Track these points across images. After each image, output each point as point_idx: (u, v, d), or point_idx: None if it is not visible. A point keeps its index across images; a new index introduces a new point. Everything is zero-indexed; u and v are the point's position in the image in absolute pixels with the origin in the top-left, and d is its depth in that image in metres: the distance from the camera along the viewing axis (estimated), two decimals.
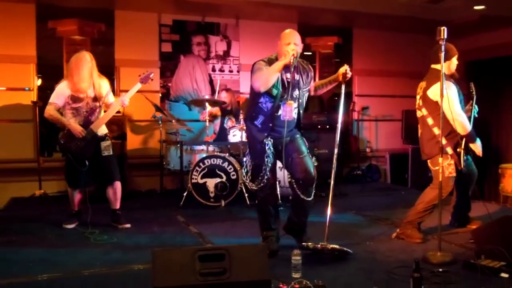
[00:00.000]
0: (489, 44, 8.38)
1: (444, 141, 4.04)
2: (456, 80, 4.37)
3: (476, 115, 4.56)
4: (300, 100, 3.97)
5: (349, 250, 3.79)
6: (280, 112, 3.85)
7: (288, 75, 3.84)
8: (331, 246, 3.73)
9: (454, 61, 4.35)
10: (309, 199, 3.87)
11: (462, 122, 4.12)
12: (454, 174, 4.21)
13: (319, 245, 3.72)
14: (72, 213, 4.98)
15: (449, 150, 4.18)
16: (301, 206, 3.95)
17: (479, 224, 4.56)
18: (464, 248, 4.05)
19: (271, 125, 3.88)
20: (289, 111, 3.83)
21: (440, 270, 3.42)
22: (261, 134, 3.91)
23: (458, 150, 4.20)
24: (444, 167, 4.05)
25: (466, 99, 4.51)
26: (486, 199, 4.77)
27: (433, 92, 4.19)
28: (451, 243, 4.18)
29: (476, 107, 4.55)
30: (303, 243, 3.80)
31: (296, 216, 4.02)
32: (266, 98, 3.85)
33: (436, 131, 4.19)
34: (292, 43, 3.80)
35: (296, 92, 3.91)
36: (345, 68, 3.86)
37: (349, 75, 3.86)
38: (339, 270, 3.55)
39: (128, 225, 4.94)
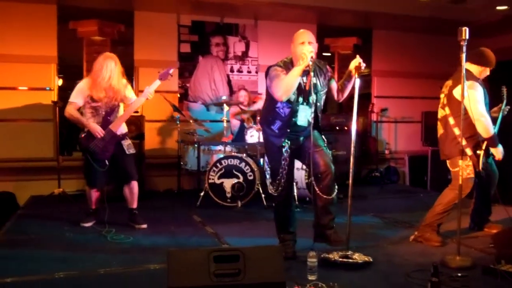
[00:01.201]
0: None
1: (463, 142, 3.98)
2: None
3: (505, 113, 4.54)
4: (318, 104, 3.82)
5: (369, 260, 3.67)
6: (297, 117, 3.77)
7: (305, 79, 3.72)
8: (352, 259, 3.60)
9: (487, 71, 4.30)
10: (331, 197, 3.70)
11: (485, 124, 4.04)
12: (472, 175, 4.14)
13: (339, 260, 3.59)
14: (90, 212, 5.02)
15: (468, 151, 4.12)
16: (323, 207, 3.75)
17: (500, 228, 4.48)
18: (483, 253, 3.98)
19: (288, 130, 3.78)
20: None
21: (459, 274, 3.35)
22: (278, 140, 3.80)
23: (477, 152, 4.13)
24: (462, 168, 3.95)
25: (494, 101, 4.46)
26: (507, 203, 4.67)
27: (459, 92, 4.09)
28: (470, 247, 4.11)
29: (508, 107, 4.53)
30: (323, 255, 3.62)
31: (321, 221, 3.80)
32: (284, 103, 3.74)
33: (457, 131, 4.13)
34: (306, 42, 3.67)
35: (314, 97, 3.73)
36: (357, 61, 3.64)
37: (363, 67, 3.63)
38: (356, 272, 3.50)
39: (144, 226, 4.94)
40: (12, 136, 6.79)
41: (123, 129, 4.90)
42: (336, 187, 3.77)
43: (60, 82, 7.13)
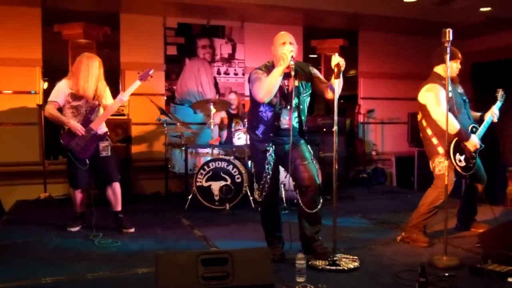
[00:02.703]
0: (495, 46, 8.33)
1: (435, 141, 4.24)
2: (456, 83, 4.41)
3: (495, 120, 4.59)
4: (301, 106, 3.78)
5: (357, 265, 3.64)
6: (281, 120, 3.74)
7: (286, 82, 3.70)
8: (340, 265, 3.58)
9: (453, 65, 4.35)
10: (314, 211, 3.69)
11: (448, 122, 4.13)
12: (444, 172, 4.15)
13: (327, 267, 3.56)
14: (76, 216, 4.98)
15: (441, 149, 4.22)
16: (307, 219, 3.75)
17: (486, 227, 4.52)
18: (470, 252, 4.02)
19: (271, 134, 3.75)
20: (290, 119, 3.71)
21: (446, 274, 3.38)
22: (262, 145, 3.78)
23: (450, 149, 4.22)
24: (435, 165, 4.24)
25: (484, 102, 4.53)
26: (493, 203, 4.75)
27: (420, 95, 4.35)
28: (457, 247, 4.15)
29: (497, 113, 4.60)
30: (310, 262, 3.62)
31: (306, 233, 3.79)
32: (266, 107, 3.72)
33: (429, 132, 4.31)
34: (287, 43, 3.63)
35: (296, 100, 3.71)
36: (337, 59, 3.47)
37: (342, 66, 3.46)
38: (344, 274, 3.51)
39: (132, 230, 4.91)
40: None
41: (103, 128, 4.89)
42: (321, 200, 3.75)
43: (45, 85, 7.06)
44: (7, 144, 6.74)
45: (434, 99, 4.21)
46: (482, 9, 7.13)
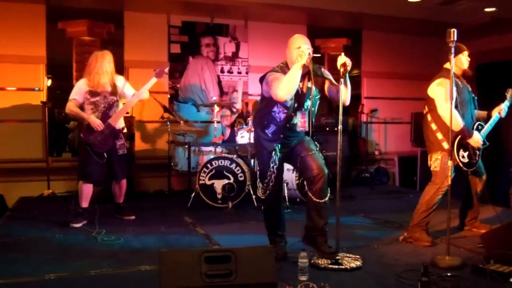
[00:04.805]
0: (501, 46, 8.31)
1: (440, 136, 4.22)
2: (467, 79, 4.40)
3: (503, 116, 4.59)
4: (313, 109, 3.80)
5: (359, 264, 3.64)
6: (294, 121, 3.73)
7: (300, 84, 3.67)
8: (342, 264, 3.58)
9: (461, 58, 4.36)
10: (323, 200, 3.67)
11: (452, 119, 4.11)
12: (438, 169, 4.26)
13: (329, 266, 3.56)
14: (79, 212, 5.02)
15: (445, 144, 4.20)
16: (316, 210, 3.71)
17: (488, 228, 4.52)
18: (473, 253, 4.01)
19: (281, 135, 3.75)
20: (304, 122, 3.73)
21: (449, 274, 3.38)
22: (270, 144, 3.77)
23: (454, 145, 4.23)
24: (432, 162, 4.28)
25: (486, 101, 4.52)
26: (496, 203, 4.73)
27: (430, 89, 4.32)
28: (460, 247, 4.15)
29: (506, 110, 4.59)
30: (313, 261, 3.62)
31: (312, 222, 3.76)
32: (280, 108, 3.71)
33: (434, 126, 4.30)
34: (302, 47, 3.62)
35: (308, 102, 3.74)
36: (343, 59, 3.48)
37: (348, 66, 3.47)
38: (347, 273, 3.51)
39: (132, 217, 5.23)
40: (1, 137, 6.73)
41: (120, 123, 5.08)
42: (329, 190, 3.74)
43: (49, 82, 7.08)
44: (11, 141, 6.76)
45: (444, 95, 4.16)
46: (487, 10, 7.12)
